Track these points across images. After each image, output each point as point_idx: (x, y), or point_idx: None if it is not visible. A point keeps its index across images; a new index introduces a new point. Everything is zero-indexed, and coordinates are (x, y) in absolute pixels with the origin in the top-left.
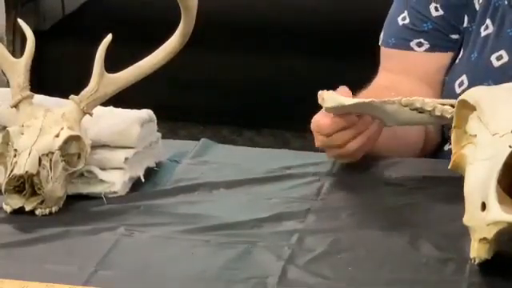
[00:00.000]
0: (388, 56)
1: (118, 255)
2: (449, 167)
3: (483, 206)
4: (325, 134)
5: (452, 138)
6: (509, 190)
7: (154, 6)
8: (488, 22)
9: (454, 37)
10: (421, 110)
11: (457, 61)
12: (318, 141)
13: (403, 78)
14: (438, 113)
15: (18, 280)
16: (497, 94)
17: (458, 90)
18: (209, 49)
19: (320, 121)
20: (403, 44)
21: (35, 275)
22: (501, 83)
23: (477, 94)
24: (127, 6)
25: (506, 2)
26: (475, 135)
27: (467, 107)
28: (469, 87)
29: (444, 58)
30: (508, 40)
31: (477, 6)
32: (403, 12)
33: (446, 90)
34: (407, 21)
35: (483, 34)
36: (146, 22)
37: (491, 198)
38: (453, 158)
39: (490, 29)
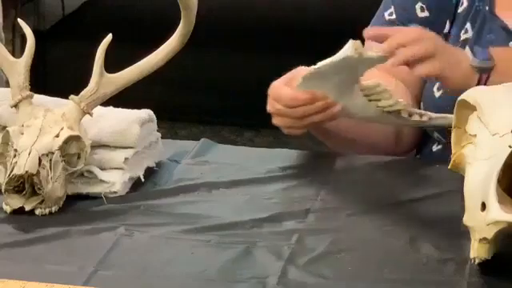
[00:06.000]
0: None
1: (118, 255)
2: (449, 167)
3: (483, 206)
4: (284, 104)
5: (452, 137)
6: (509, 190)
7: (153, 6)
8: (468, 26)
9: None
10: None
11: None
12: (272, 107)
13: (386, 74)
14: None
15: (18, 280)
16: (497, 93)
17: (436, 94)
18: (209, 49)
19: (282, 91)
20: None
21: (35, 275)
22: None
23: (477, 94)
24: (127, 5)
25: (487, 8)
26: (475, 135)
27: (467, 107)
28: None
29: None
30: (486, 45)
31: (459, 10)
32: (390, 8)
33: (425, 94)
34: (394, 16)
35: (462, 37)
36: (146, 22)
37: (491, 198)
38: (453, 157)
39: (469, 33)
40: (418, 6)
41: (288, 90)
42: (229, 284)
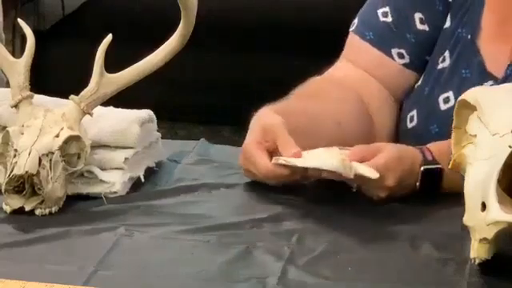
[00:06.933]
0: (360, 49)
1: (118, 255)
2: (449, 167)
3: (483, 206)
4: (259, 174)
5: (452, 138)
6: (509, 189)
7: (154, 6)
8: (446, 54)
9: (428, 58)
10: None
11: (415, 87)
12: (245, 166)
13: (367, 76)
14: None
15: (18, 280)
16: (497, 94)
17: (409, 125)
18: (209, 49)
19: (258, 161)
20: (384, 46)
21: (35, 275)
22: (446, 128)
23: (477, 94)
24: (127, 6)
25: (469, 37)
26: (475, 135)
27: (467, 107)
28: (418, 125)
29: (413, 78)
30: (459, 81)
31: (444, 26)
32: (384, 6)
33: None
34: (389, 19)
35: (440, 66)
36: (146, 22)
37: (491, 198)
38: (453, 158)
39: (447, 62)
40: (418, 16)
41: (266, 162)
42: (229, 284)
